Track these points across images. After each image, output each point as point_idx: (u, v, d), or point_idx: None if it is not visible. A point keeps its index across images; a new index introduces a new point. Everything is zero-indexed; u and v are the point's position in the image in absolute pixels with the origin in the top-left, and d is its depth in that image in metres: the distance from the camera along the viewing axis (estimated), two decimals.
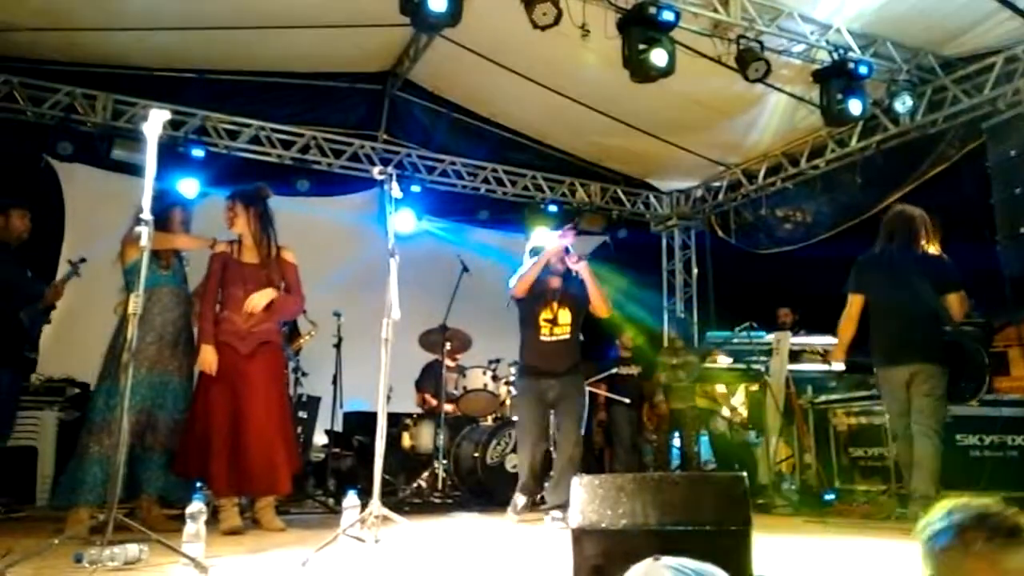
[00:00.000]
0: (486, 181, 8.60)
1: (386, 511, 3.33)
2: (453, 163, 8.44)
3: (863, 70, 5.95)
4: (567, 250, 4.63)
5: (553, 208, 8.67)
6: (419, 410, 6.82)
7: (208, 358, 4.02)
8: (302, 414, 6.57)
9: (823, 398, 6.01)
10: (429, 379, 6.76)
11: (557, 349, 4.56)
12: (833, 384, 6.18)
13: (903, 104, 6.28)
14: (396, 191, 3.78)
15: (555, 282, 4.64)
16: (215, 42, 6.87)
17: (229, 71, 7.44)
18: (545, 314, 4.57)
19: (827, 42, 6.02)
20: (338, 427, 6.42)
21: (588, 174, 9.13)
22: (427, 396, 6.77)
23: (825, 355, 6.05)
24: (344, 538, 3.21)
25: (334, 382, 6.22)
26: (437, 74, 7.98)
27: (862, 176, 7.46)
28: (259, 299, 4.11)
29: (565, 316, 4.58)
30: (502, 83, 7.61)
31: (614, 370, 7.00)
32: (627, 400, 6.87)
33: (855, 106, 5.96)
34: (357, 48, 7.40)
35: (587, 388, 4.99)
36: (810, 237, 8.13)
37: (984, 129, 6.28)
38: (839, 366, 5.48)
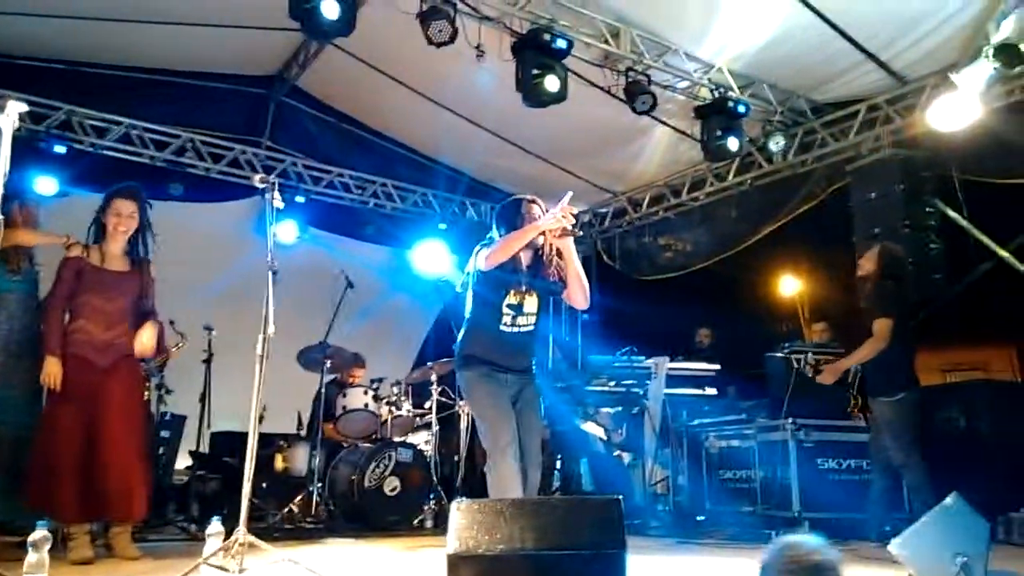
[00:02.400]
0: (374, 195, 8.44)
1: (252, 538, 3.15)
2: (341, 175, 8.23)
3: (741, 109, 6.26)
4: None
5: (443, 226, 8.61)
6: (294, 431, 6.54)
7: (52, 370, 3.69)
8: (164, 434, 6.16)
9: (697, 421, 6.22)
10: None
11: (519, 343, 3.59)
12: (707, 408, 6.41)
13: (776, 144, 6.67)
14: (278, 201, 3.63)
15: (529, 255, 3.60)
16: (85, 32, 6.41)
17: (100, 64, 6.94)
18: (511, 299, 3.56)
19: (709, 80, 6.30)
20: (204, 448, 6.06)
21: (479, 193, 9.14)
22: None
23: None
24: (206, 568, 3.00)
25: (202, 400, 5.88)
26: (327, 82, 7.79)
27: (737, 209, 7.83)
28: (149, 341, 3.91)
29: (532, 304, 3.62)
30: (395, 97, 7.51)
31: None
32: None
33: (733, 143, 6.26)
34: (242, 49, 7.12)
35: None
36: (689, 266, 8.45)
37: (848, 171, 6.74)
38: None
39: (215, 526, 3.27)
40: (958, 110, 5.44)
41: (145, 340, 3.92)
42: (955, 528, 2.91)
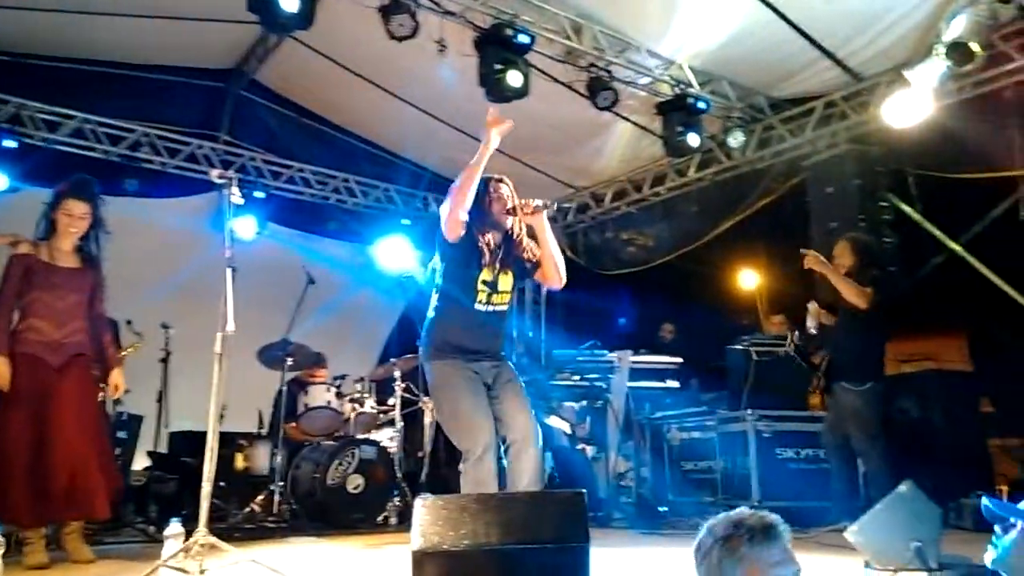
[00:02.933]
0: (336, 191, 8.36)
1: (213, 539, 3.10)
2: (301, 170, 8.14)
3: (701, 105, 6.33)
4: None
5: (406, 221, 8.57)
6: (255, 429, 6.45)
7: (1, 371, 3.59)
8: (121, 434, 6.02)
9: (659, 414, 6.29)
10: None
11: (494, 324, 3.37)
12: (669, 401, 6.49)
13: (736, 140, 6.77)
14: (236, 196, 3.56)
15: (498, 236, 3.41)
16: (35, 23, 6.23)
17: (51, 56, 6.75)
18: (485, 274, 3.32)
19: (670, 77, 6.36)
20: (163, 448, 5.94)
21: (442, 188, 9.03)
22: None
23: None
24: (165, 570, 2.95)
25: (159, 400, 5.77)
26: (287, 76, 7.69)
27: (698, 204, 7.94)
28: (119, 380, 3.97)
29: (507, 282, 3.39)
30: (357, 91, 7.45)
31: None
32: None
33: (693, 139, 6.33)
34: (199, 42, 7.00)
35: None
36: (651, 260, 8.53)
37: (806, 167, 6.88)
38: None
39: (174, 527, 3.21)
40: (911, 107, 5.58)
41: (118, 382, 3.98)
42: (909, 514, 2.99)
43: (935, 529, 2.97)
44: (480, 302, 3.32)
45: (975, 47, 4.90)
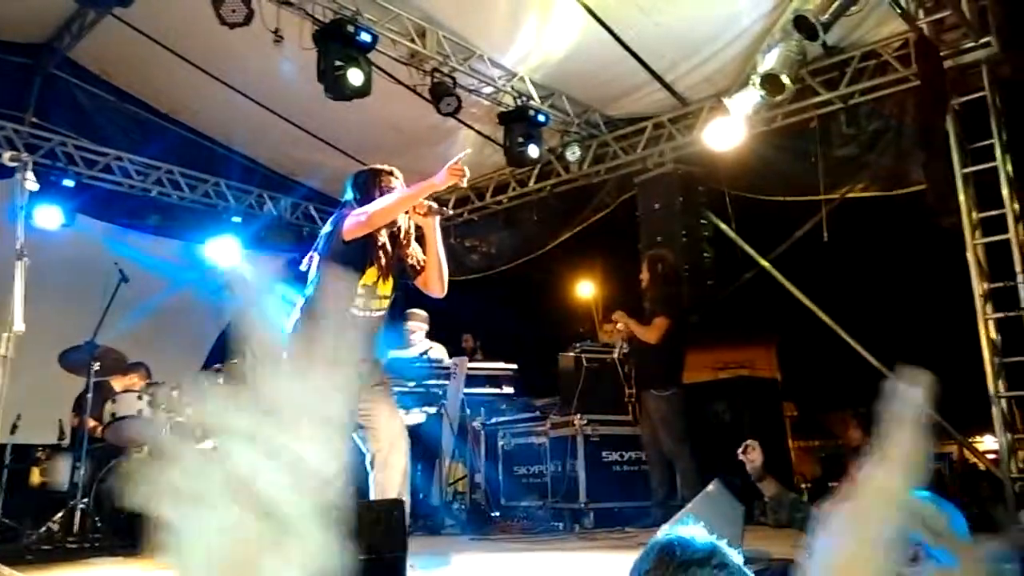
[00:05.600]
0: (159, 183, 7.78)
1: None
2: (119, 158, 7.49)
3: (541, 119, 6.50)
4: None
5: (237, 219, 8.12)
6: (55, 440, 5.84)
7: None
8: None
9: (493, 420, 6.35)
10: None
11: (371, 329, 3.25)
12: (504, 407, 6.57)
13: (573, 154, 7.02)
14: (31, 182, 3.22)
15: (384, 234, 3.23)
16: None
17: None
18: (366, 278, 3.18)
19: (512, 88, 6.47)
20: None
21: (278, 186, 8.73)
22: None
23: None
24: None
25: None
26: (106, 57, 7.07)
27: (538, 214, 8.12)
28: None
29: (388, 286, 3.28)
30: (186, 78, 6.97)
31: None
32: None
33: (533, 151, 6.47)
34: (4, 13, 6.27)
35: None
36: (493, 267, 8.63)
37: (636, 183, 7.22)
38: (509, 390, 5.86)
39: None
40: (729, 132, 6.01)
41: None
42: (715, 512, 3.17)
43: (738, 526, 3.18)
44: (357, 306, 3.18)
45: (786, 80, 5.34)
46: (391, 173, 3.34)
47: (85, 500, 5.23)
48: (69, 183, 6.94)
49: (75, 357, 5.55)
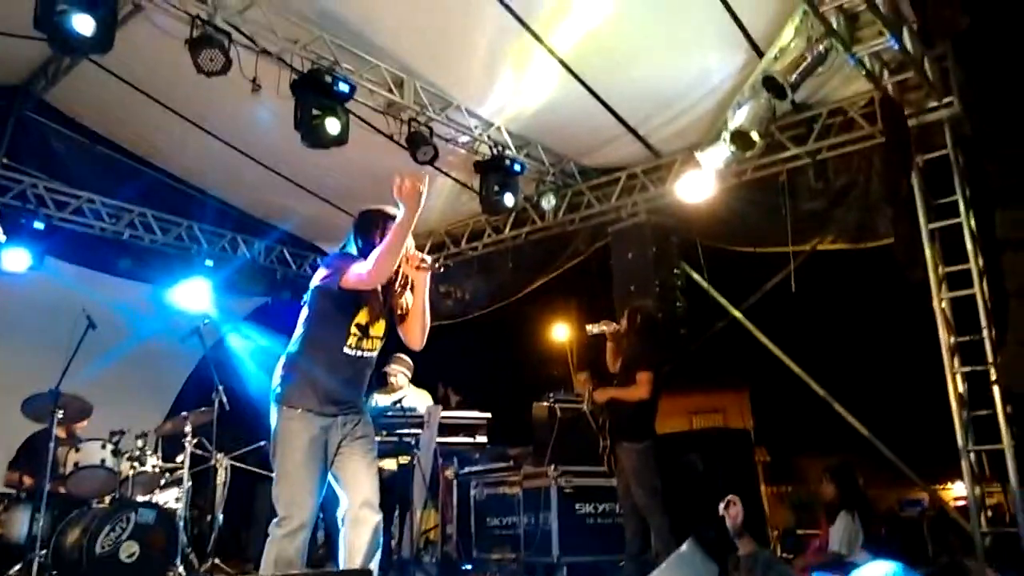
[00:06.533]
0: (132, 225, 7.70)
1: None
2: (91, 201, 7.42)
3: (517, 168, 6.57)
4: None
5: (210, 263, 8.04)
6: (12, 491, 5.66)
7: None
8: None
9: (466, 470, 6.27)
10: (30, 455, 5.65)
11: (362, 370, 3.27)
12: (477, 456, 6.49)
13: (548, 202, 7.11)
14: None
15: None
16: None
17: None
18: (360, 318, 3.22)
19: (488, 137, 6.55)
20: None
21: (252, 230, 8.69)
22: (24, 477, 5.64)
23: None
24: None
25: None
26: (81, 101, 7.04)
27: (513, 261, 8.16)
28: None
29: (380, 327, 3.30)
30: (160, 121, 6.96)
31: (263, 443, 6.57)
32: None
33: (509, 199, 6.53)
34: None
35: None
36: (468, 313, 8.61)
37: (610, 233, 7.30)
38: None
39: None
40: (701, 184, 6.12)
41: None
42: (689, 571, 3.16)
43: None
44: (350, 345, 3.20)
45: (755, 136, 5.47)
46: (393, 217, 3.29)
47: (43, 552, 5.07)
48: (39, 225, 6.84)
49: (38, 403, 5.42)
